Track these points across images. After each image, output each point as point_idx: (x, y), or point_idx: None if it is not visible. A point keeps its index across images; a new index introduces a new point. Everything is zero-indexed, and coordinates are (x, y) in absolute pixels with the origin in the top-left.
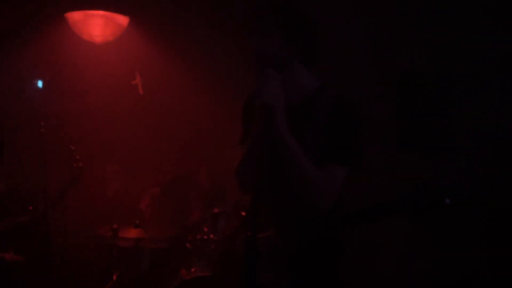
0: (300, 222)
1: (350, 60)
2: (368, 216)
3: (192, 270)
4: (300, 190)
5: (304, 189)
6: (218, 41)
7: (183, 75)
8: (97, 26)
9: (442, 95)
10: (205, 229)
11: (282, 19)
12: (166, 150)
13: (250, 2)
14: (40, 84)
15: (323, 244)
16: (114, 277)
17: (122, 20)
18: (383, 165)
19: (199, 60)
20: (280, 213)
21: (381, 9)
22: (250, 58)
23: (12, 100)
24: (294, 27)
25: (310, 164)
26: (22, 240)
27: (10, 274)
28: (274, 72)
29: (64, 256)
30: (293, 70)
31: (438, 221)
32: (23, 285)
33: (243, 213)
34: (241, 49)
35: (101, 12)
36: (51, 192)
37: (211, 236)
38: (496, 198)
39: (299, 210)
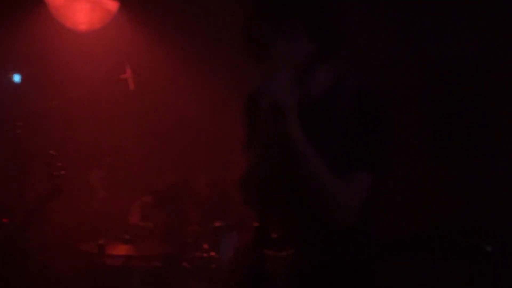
0: (320, 241)
1: (375, 52)
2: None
3: None
4: (318, 201)
5: (322, 200)
6: (220, 30)
7: (179, 68)
8: (82, 12)
9: (482, 92)
10: (205, 246)
11: (311, 21)
12: (159, 154)
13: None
14: (16, 78)
15: (347, 267)
16: None
17: (111, 5)
18: (413, 175)
19: (198, 52)
20: (297, 230)
21: None
22: (274, 62)
23: None
24: (324, 26)
25: (329, 171)
26: None
27: None
28: (284, 63)
29: (44, 275)
30: (316, 65)
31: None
32: None
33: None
34: (247, 40)
35: None
36: (28, 203)
37: (212, 254)
38: None
39: (319, 226)
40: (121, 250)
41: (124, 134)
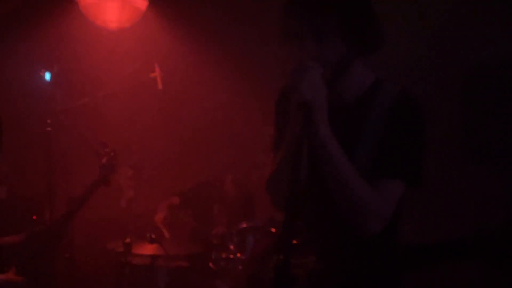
0: (346, 248)
1: (406, 53)
2: (433, 254)
3: None
4: (346, 208)
5: (351, 206)
6: (251, 30)
7: (208, 68)
8: (112, 10)
9: None
10: (231, 247)
11: (343, 22)
12: (187, 154)
13: None
14: (47, 76)
15: (373, 277)
16: None
17: (141, 3)
18: (445, 180)
19: (228, 51)
20: (321, 236)
21: None
22: (304, 61)
23: (14, 94)
24: (356, 27)
25: (358, 176)
26: (28, 255)
27: None
28: (313, 63)
29: (70, 274)
30: (349, 66)
31: None
32: None
33: (273, 230)
34: (278, 40)
35: None
36: (72, 197)
37: (238, 255)
38: None
39: (345, 233)
40: (147, 249)
41: (153, 133)
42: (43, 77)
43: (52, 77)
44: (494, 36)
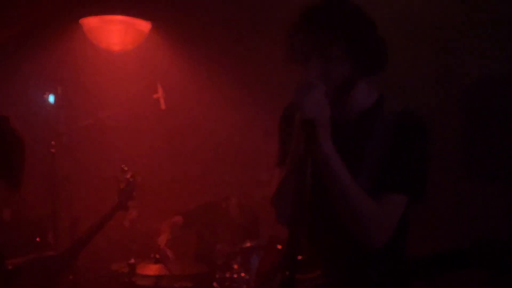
0: (351, 263)
1: (407, 68)
2: (439, 265)
3: None
4: (350, 222)
5: (355, 221)
6: (252, 50)
7: (210, 88)
8: (116, 33)
9: None
10: (235, 267)
11: (348, 43)
12: (190, 173)
13: (301, 18)
14: (51, 98)
15: None
16: None
17: (144, 26)
18: (448, 196)
19: (230, 71)
20: (327, 251)
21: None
22: (309, 79)
23: (19, 116)
24: (361, 48)
25: (362, 190)
26: (38, 277)
27: None
28: (317, 81)
29: None
30: (353, 85)
31: None
32: None
33: (280, 247)
34: (278, 59)
35: (120, 18)
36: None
37: (242, 274)
38: None
39: (350, 247)
40: (151, 270)
41: (156, 152)
42: (47, 99)
43: (56, 99)
44: (494, 53)
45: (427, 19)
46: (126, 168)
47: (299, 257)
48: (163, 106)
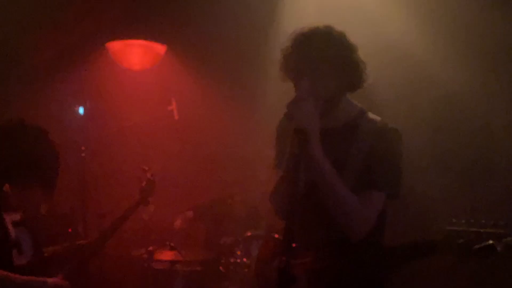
0: (337, 250)
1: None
2: (412, 252)
3: None
4: (337, 214)
5: (341, 213)
6: (254, 69)
7: (218, 101)
8: (136, 55)
9: (481, 120)
10: (238, 253)
11: (334, 64)
12: (200, 174)
13: (294, 41)
14: (81, 110)
15: (362, 273)
16: None
17: (160, 48)
18: (421, 191)
19: (233, 87)
20: (317, 240)
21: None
22: (301, 94)
23: (54, 126)
24: (345, 69)
25: (346, 188)
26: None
27: None
28: (308, 94)
29: (101, 278)
30: (338, 100)
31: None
32: None
33: (277, 236)
34: (279, 76)
35: (139, 42)
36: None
37: (244, 259)
38: None
39: (336, 237)
40: (167, 256)
41: (170, 155)
42: (77, 111)
43: (85, 111)
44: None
45: (398, 40)
46: (146, 168)
47: (294, 245)
48: (176, 117)
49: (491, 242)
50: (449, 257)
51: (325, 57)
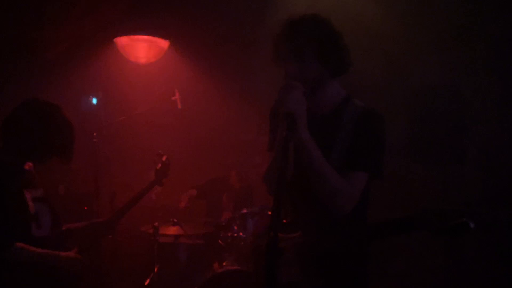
0: (324, 226)
1: (366, 77)
2: (392, 228)
3: (224, 264)
4: (323, 193)
5: (326, 192)
6: (250, 62)
7: (216, 92)
8: (142, 49)
9: (452, 111)
10: (235, 228)
11: (319, 48)
12: (201, 157)
13: (283, 29)
14: (94, 100)
15: (347, 246)
16: (156, 269)
17: (163, 43)
18: (398, 175)
19: (230, 78)
20: (306, 216)
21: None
22: (289, 79)
23: (69, 114)
24: (330, 53)
25: (331, 168)
26: (88, 239)
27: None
28: (297, 83)
29: (113, 251)
30: (324, 84)
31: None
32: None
33: (269, 213)
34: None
35: (145, 37)
36: (114, 192)
37: (240, 234)
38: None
39: (323, 214)
40: (171, 230)
41: (174, 141)
42: (90, 101)
43: (97, 101)
44: (433, 66)
45: (381, 34)
46: (162, 152)
47: (284, 221)
48: (179, 106)
49: (464, 219)
50: (425, 232)
51: (310, 41)
